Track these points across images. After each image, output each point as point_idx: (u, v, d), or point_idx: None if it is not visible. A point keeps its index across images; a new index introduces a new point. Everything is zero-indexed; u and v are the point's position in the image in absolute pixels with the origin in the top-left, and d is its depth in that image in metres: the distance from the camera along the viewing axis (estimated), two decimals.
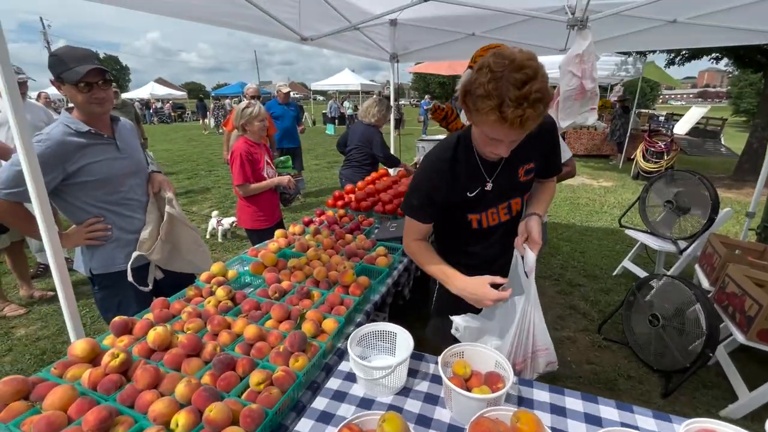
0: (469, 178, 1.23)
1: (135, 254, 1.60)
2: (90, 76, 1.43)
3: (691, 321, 2.26)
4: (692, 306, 2.29)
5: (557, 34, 3.17)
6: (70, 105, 1.57)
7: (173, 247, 1.66)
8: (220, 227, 4.57)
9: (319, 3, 2.62)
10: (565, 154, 2.03)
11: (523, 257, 1.25)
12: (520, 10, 2.35)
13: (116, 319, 1.29)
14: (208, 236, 4.64)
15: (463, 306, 1.56)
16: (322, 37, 2.99)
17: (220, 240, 4.57)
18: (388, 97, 4.39)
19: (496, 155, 1.13)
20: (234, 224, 4.56)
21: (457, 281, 1.24)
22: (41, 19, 30.85)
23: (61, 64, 1.42)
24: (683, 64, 9.15)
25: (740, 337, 2.05)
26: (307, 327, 1.31)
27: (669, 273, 2.97)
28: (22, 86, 2.87)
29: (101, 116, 1.56)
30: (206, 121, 20.09)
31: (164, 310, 1.41)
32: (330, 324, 1.36)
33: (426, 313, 1.60)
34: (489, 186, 1.24)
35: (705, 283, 2.61)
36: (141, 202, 1.69)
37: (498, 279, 1.18)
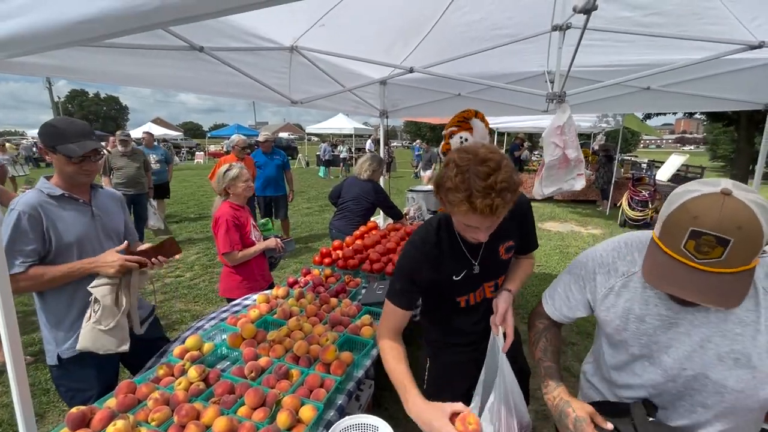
0: (454, 261, 1.24)
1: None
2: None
3: None
4: None
5: (539, 97, 3.34)
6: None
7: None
8: None
9: (309, 67, 2.72)
10: None
11: (496, 336, 1.23)
12: (501, 84, 2.47)
13: (73, 410, 1.19)
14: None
15: (458, 393, 1.48)
16: (313, 100, 3.09)
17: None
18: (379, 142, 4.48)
19: (475, 240, 1.15)
20: None
21: (412, 403, 1.03)
22: None
23: (59, 137, 1.41)
24: (659, 116, 9.66)
25: None
26: (282, 418, 1.22)
27: None
28: None
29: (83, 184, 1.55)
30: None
31: (129, 395, 1.32)
32: (308, 412, 1.28)
33: (420, 386, 1.52)
34: (476, 269, 1.25)
35: None
36: None
37: (459, 406, 0.97)
